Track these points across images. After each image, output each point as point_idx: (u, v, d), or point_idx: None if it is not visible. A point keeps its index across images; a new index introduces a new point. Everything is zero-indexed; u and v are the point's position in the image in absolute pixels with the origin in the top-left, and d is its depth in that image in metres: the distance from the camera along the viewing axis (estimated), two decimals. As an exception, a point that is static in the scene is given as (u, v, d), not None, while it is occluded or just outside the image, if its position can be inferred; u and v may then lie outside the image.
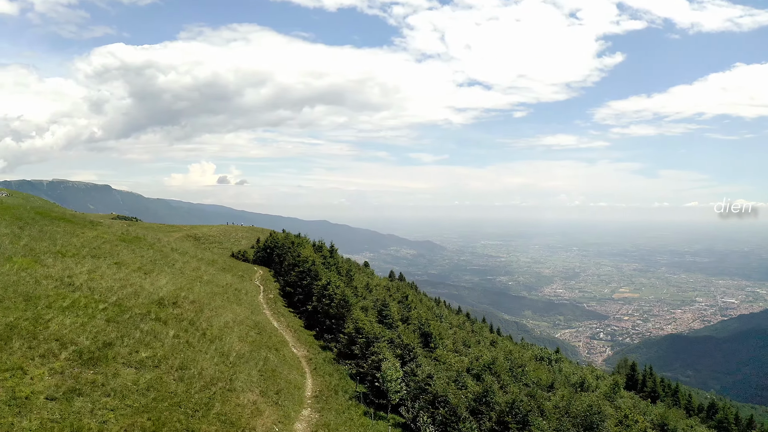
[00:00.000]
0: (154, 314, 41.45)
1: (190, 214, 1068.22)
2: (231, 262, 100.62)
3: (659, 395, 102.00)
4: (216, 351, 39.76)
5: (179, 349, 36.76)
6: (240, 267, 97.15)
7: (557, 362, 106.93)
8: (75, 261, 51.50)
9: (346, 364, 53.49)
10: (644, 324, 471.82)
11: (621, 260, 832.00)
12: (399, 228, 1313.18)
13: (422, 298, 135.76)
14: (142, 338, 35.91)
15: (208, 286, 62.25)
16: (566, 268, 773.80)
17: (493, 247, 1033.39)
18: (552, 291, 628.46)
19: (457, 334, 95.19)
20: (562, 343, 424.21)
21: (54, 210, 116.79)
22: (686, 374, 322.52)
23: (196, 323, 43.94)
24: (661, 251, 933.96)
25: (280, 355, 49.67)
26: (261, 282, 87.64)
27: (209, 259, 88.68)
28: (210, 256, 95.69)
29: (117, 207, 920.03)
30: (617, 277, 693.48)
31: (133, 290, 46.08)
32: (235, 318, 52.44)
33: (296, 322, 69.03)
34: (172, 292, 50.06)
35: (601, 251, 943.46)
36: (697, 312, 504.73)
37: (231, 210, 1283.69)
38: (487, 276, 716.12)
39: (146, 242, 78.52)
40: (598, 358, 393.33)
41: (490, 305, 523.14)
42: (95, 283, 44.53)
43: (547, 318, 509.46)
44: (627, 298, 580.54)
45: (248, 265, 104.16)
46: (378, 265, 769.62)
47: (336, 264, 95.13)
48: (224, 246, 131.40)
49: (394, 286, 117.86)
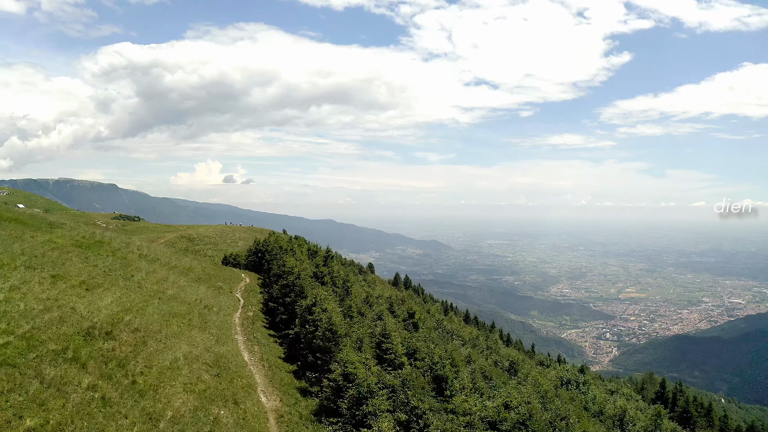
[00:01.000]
0: (72, 352, 31.12)
1: (196, 213, 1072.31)
2: (213, 270, 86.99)
3: (692, 415, 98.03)
4: (142, 413, 28.96)
5: (86, 411, 26.30)
6: (223, 275, 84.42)
7: (585, 384, 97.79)
8: (0, 273, 41.57)
9: (329, 425, 39.74)
10: (651, 324, 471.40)
11: (627, 260, 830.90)
12: (405, 227, 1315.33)
13: (430, 308, 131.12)
14: (38, 394, 25.37)
15: (168, 305, 51.04)
16: (572, 268, 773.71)
17: (500, 247, 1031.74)
18: (558, 291, 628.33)
19: (472, 357, 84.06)
20: (569, 344, 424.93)
21: (17, 211, 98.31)
22: (693, 375, 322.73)
23: (127, 365, 33.31)
24: (668, 251, 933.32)
25: (239, 411, 36.45)
26: (243, 294, 75.00)
27: (184, 267, 76.95)
28: (187, 262, 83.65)
29: (123, 206, 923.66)
30: (624, 277, 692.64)
31: (59, 315, 35.74)
32: (190, 352, 41.19)
33: (274, 352, 54.54)
34: (112, 316, 39.45)
35: (607, 251, 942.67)
36: (703, 312, 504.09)
37: (236, 209, 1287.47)
38: (494, 276, 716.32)
39: (109, 247, 67.07)
40: (604, 359, 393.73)
41: (497, 305, 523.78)
42: (11, 306, 34.50)
43: (553, 318, 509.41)
44: (633, 298, 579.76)
45: (234, 272, 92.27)
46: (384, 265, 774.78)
47: (331, 274, 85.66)
48: (219, 248, 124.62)
49: (398, 299, 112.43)
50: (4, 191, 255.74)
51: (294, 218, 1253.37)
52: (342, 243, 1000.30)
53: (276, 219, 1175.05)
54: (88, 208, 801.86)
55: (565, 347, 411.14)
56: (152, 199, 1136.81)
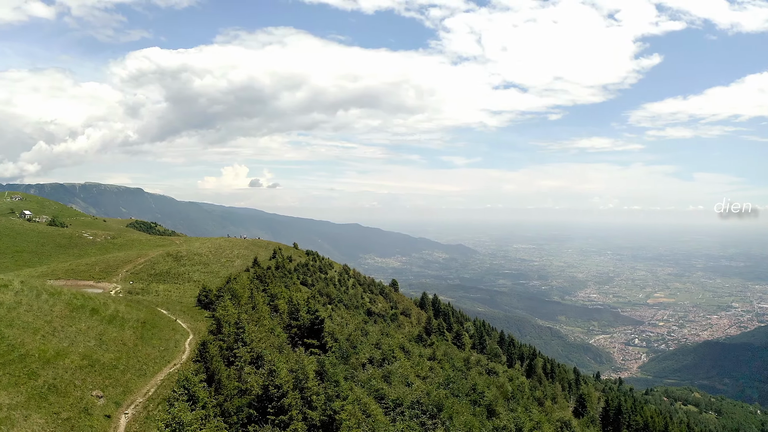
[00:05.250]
0: None
1: (222, 218, 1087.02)
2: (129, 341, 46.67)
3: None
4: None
5: None
6: (150, 338, 49.52)
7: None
8: None
9: None
10: (680, 330, 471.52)
11: (656, 264, 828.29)
12: (431, 231, 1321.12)
13: (468, 358, 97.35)
14: None
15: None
16: (600, 273, 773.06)
17: (527, 251, 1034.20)
18: (586, 296, 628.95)
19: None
20: (597, 350, 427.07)
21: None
22: (723, 382, 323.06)
23: None
24: (697, 255, 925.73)
25: None
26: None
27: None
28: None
29: (149, 210, 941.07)
30: (652, 282, 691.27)
31: None
32: None
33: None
34: None
35: (635, 255, 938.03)
36: (733, 318, 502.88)
37: (262, 213, 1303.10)
38: (521, 280, 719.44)
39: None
40: (633, 365, 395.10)
41: (524, 310, 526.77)
42: None
43: (581, 323, 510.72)
44: (662, 303, 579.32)
45: (179, 331, 55.14)
46: (410, 269, 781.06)
47: (333, 334, 64.77)
48: (209, 269, 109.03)
49: (423, 369, 71.32)
50: (17, 196, 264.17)
51: (319, 222, 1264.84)
52: (368, 247, 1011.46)
53: (301, 223, 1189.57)
54: (114, 212, 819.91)
55: (593, 353, 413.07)
56: (178, 203, 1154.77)
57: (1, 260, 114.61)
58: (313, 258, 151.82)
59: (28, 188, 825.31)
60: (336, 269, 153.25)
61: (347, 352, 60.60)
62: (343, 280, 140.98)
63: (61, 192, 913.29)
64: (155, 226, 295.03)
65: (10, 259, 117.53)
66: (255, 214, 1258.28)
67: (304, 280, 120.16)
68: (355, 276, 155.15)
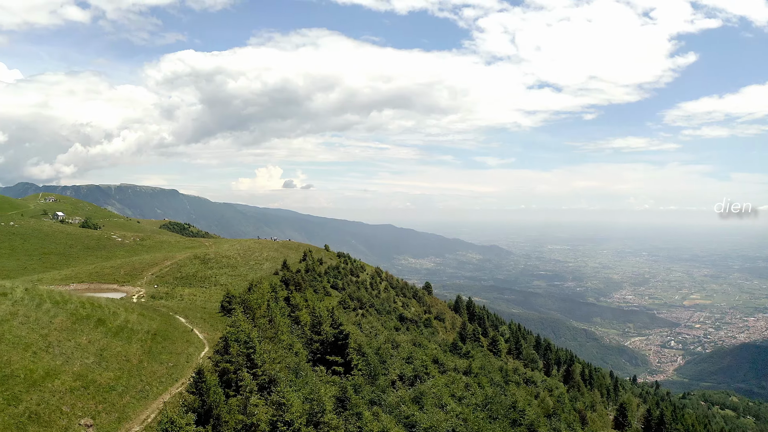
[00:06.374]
0: None
1: (256, 219, 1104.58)
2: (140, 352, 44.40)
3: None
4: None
5: None
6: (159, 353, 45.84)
7: None
8: None
9: None
10: (716, 332, 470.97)
11: (692, 265, 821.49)
12: (465, 232, 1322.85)
13: (504, 367, 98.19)
14: None
15: None
16: (636, 274, 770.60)
17: (561, 252, 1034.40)
18: (621, 297, 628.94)
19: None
20: (632, 352, 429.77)
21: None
22: (760, 386, 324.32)
23: None
24: (733, 256, 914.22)
25: None
26: None
27: None
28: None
29: (184, 211, 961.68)
30: (688, 283, 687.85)
31: None
32: None
33: None
34: None
35: (671, 256, 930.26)
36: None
37: (296, 214, 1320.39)
38: (555, 281, 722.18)
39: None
40: (669, 368, 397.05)
41: (559, 312, 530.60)
42: None
43: (616, 325, 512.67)
44: (698, 304, 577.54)
45: (194, 342, 52.28)
46: (444, 271, 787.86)
47: (361, 350, 58.33)
48: (237, 272, 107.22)
49: None
50: (51, 198, 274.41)
51: (353, 223, 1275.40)
52: (402, 248, 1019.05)
53: (335, 224, 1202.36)
54: (150, 213, 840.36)
55: (628, 356, 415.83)
56: (212, 204, 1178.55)
57: (28, 262, 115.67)
58: (344, 260, 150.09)
59: (65, 190, 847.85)
60: (368, 272, 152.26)
61: (375, 370, 55.40)
62: (374, 284, 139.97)
63: (97, 193, 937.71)
64: (188, 227, 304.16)
65: (38, 261, 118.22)
66: (289, 215, 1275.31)
67: (335, 283, 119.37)
68: (387, 279, 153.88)
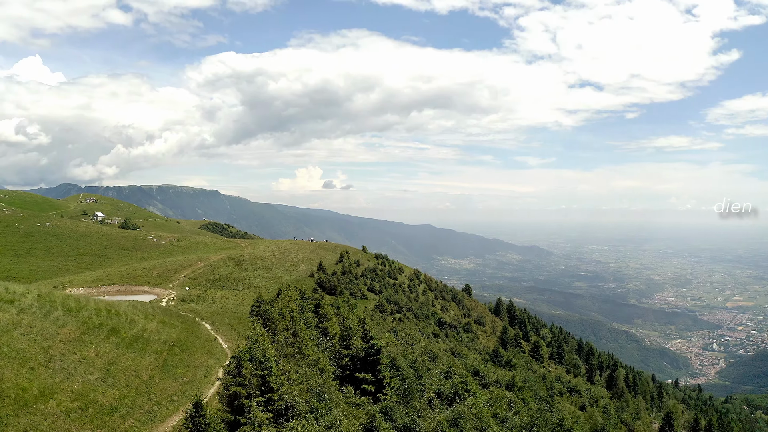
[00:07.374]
0: None
1: (296, 219, 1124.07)
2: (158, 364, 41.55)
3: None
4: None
5: None
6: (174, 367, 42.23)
7: None
8: None
9: None
10: (759, 335, 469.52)
11: (735, 266, 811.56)
12: (505, 233, 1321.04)
13: (546, 376, 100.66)
14: None
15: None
16: (677, 275, 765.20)
17: (602, 253, 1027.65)
18: (663, 299, 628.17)
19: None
20: (674, 354, 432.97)
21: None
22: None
23: None
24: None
25: None
26: None
27: None
28: None
29: (224, 212, 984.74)
30: (731, 285, 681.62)
31: None
32: None
33: None
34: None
35: (713, 257, 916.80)
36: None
37: (336, 214, 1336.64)
38: (596, 282, 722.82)
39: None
40: (710, 371, 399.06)
41: (600, 313, 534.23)
42: None
43: (657, 327, 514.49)
44: (741, 306, 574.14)
45: (217, 351, 49.97)
46: (483, 271, 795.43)
47: (395, 366, 53.85)
48: (272, 274, 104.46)
49: None
50: (91, 198, 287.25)
51: (392, 223, 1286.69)
52: (442, 249, 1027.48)
53: (374, 224, 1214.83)
54: (191, 214, 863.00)
55: (669, 358, 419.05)
56: (252, 205, 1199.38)
57: (62, 263, 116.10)
58: (382, 262, 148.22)
59: (107, 191, 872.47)
60: (406, 274, 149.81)
61: (410, 388, 50.52)
62: (413, 286, 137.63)
63: (139, 194, 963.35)
64: (227, 228, 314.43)
65: (72, 261, 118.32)
66: (329, 216, 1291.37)
67: (372, 286, 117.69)
68: (426, 281, 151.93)
